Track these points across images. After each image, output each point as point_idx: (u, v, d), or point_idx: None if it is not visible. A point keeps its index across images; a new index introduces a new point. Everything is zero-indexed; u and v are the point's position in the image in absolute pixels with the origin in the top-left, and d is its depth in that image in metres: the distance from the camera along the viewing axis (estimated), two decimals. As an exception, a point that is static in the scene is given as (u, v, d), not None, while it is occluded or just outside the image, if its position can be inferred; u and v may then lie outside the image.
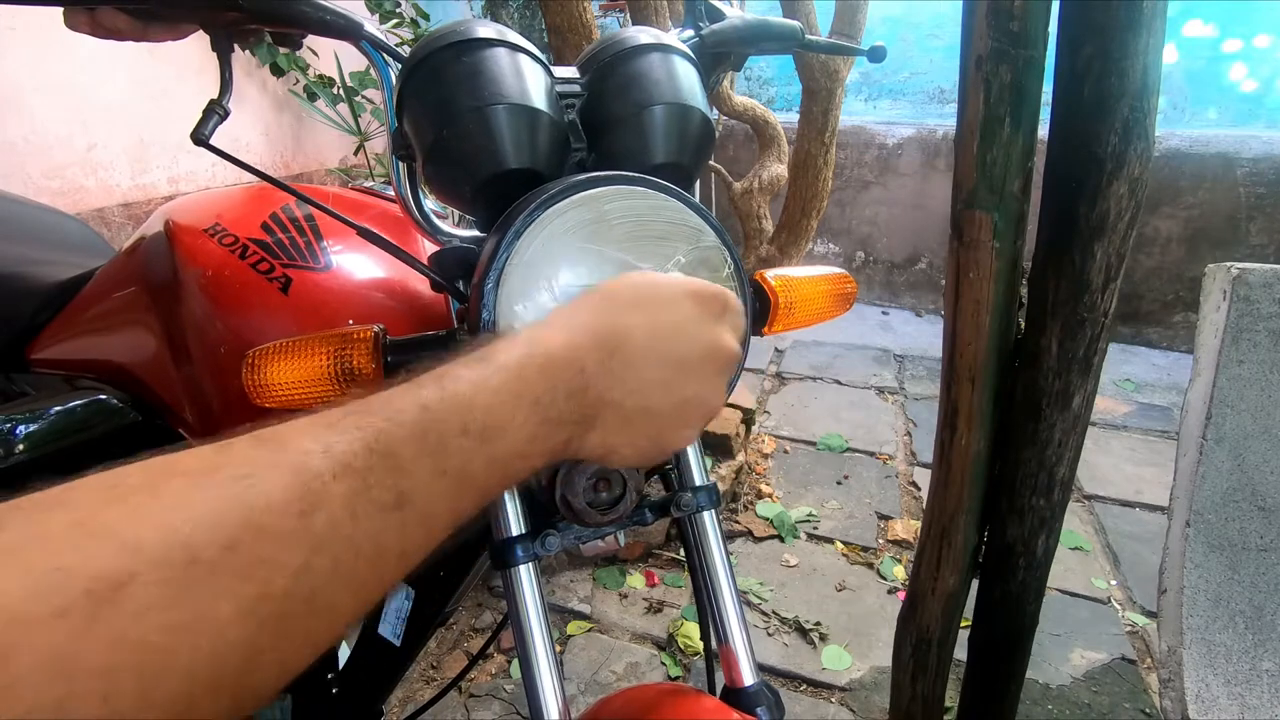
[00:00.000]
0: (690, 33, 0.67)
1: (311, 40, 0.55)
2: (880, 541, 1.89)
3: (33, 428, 0.70)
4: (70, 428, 0.72)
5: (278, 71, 2.78)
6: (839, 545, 1.87)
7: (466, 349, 0.34)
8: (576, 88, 0.56)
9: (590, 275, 0.48)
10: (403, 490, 0.29)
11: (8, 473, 0.68)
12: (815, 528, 1.93)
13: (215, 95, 0.53)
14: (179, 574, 0.21)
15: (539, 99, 0.51)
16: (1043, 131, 0.81)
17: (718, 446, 2.02)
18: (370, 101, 2.96)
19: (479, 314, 0.46)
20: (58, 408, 0.73)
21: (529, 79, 0.51)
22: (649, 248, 0.49)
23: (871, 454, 2.30)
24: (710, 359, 0.39)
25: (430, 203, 0.60)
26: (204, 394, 0.69)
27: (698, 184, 0.64)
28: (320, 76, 2.92)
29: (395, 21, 2.89)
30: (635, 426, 0.38)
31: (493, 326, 0.46)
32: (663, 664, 1.50)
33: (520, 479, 0.34)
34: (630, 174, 0.48)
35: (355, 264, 0.69)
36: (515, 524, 0.53)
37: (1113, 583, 1.76)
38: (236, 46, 0.54)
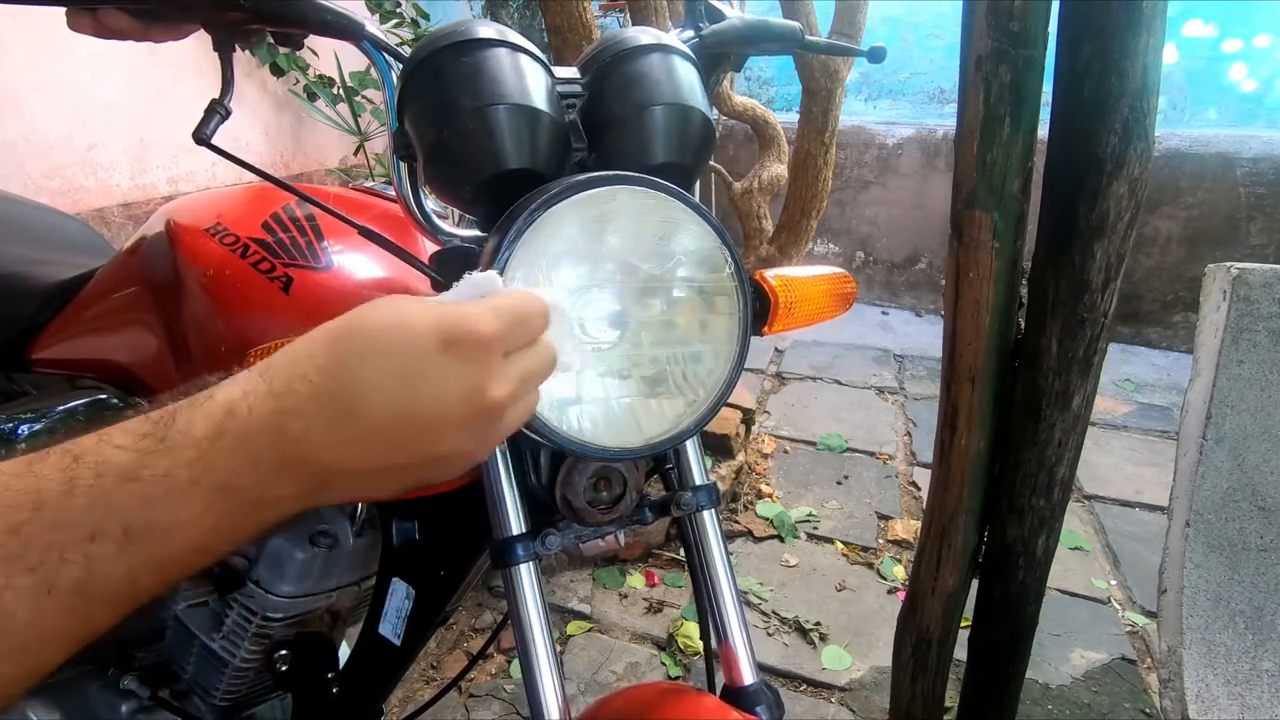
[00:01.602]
0: (690, 33, 0.67)
1: (311, 40, 0.55)
2: (880, 541, 1.89)
3: (34, 427, 0.70)
4: (70, 427, 0.72)
5: (278, 71, 2.78)
6: (839, 545, 1.87)
7: (142, 410, 0.28)
8: (577, 88, 0.56)
9: (591, 275, 0.49)
10: None
11: (8, 472, 0.68)
12: (815, 528, 1.93)
13: (216, 95, 0.53)
14: None
15: (540, 99, 0.51)
16: (1043, 131, 0.81)
17: (718, 446, 2.02)
18: (370, 101, 2.96)
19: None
20: (59, 407, 0.73)
21: (530, 79, 0.51)
22: (650, 247, 0.49)
23: (871, 454, 2.30)
24: (467, 415, 0.31)
25: (431, 202, 0.60)
26: (205, 394, 0.69)
27: (698, 184, 0.64)
28: (320, 76, 2.92)
29: (395, 21, 2.89)
30: (382, 481, 0.32)
31: None
32: (663, 664, 1.50)
33: (199, 569, 0.28)
34: (631, 174, 0.48)
35: (356, 264, 0.70)
36: (516, 523, 0.53)
37: (1113, 583, 1.76)
38: (238, 46, 0.54)
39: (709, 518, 0.60)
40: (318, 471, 0.29)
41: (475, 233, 0.59)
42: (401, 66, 0.55)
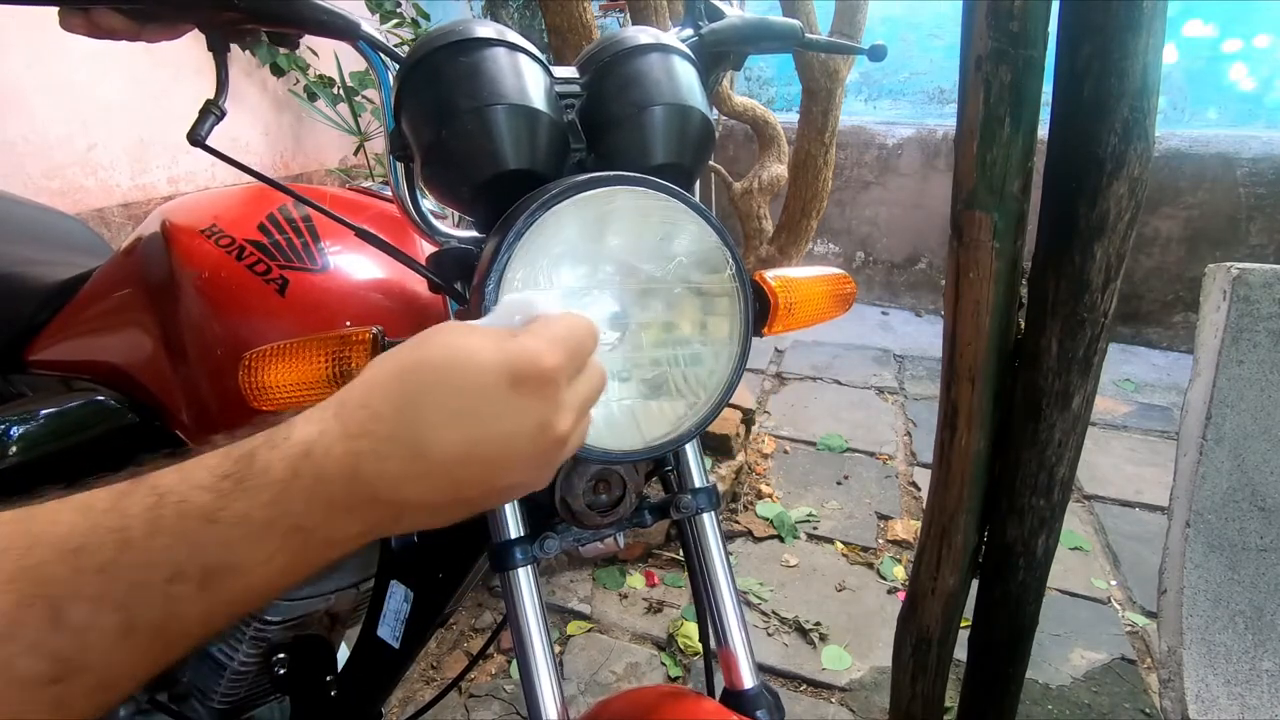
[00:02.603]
0: (690, 32, 0.66)
1: (311, 40, 0.55)
2: (880, 541, 1.89)
3: (29, 429, 0.70)
4: (67, 429, 0.72)
5: (278, 71, 2.78)
6: (839, 545, 1.87)
7: (213, 453, 0.28)
8: (576, 88, 0.55)
9: (591, 276, 0.48)
10: (66, 658, 0.23)
11: (5, 474, 0.68)
12: (815, 528, 1.93)
13: (212, 95, 0.53)
14: None
15: (538, 99, 0.51)
16: (1043, 131, 0.81)
17: (718, 447, 2.01)
18: (370, 101, 2.95)
19: (481, 315, 0.46)
20: (55, 409, 0.72)
21: (528, 79, 0.51)
22: (650, 248, 0.49)
23: (871, 454, 2.30)
24: (538, 450, 0.32)
25: (428, 203, 0.60)
26: (201, 395, 0.68)
27: (698, 184, 0.64)
28: (320, 76, 2.92)
29: (395, 21, 2.89)
30: (448, 512, 0.32)
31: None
32: (663, 664, 1.50)
33: (259, 607, 0.29)
34: (631, 174, 0.48)
35: (352, 265, 0.69)
36: (514, 526, 0.53)
37: (1113, 583, 1.76)
38: (233, 46, 0.54)
39: (709, 520, 0.59)
40: (390, 508, 0.30)
41: (472, 234, 0.59)
42: (399, 66, 0.54)
